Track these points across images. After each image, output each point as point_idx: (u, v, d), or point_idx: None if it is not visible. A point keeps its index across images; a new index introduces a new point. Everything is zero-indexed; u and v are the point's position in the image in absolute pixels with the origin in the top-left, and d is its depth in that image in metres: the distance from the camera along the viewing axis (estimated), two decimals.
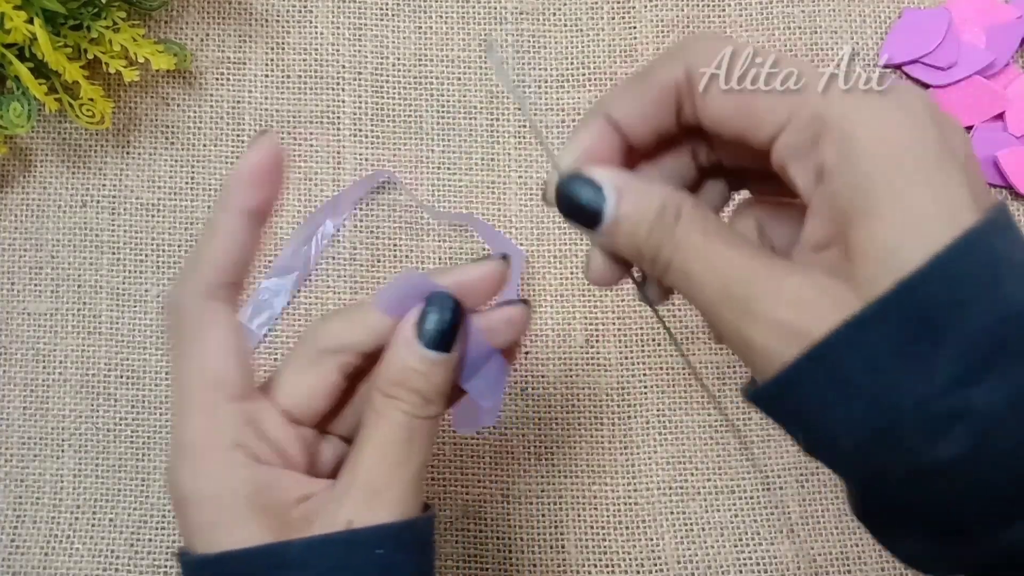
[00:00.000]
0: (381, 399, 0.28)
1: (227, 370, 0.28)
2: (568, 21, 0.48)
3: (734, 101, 0.24)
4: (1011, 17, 0.47)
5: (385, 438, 0.28)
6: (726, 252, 0.24)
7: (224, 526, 0.27)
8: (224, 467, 0.27)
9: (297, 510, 0.28)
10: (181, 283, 0.28)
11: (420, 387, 0.28)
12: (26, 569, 0.43)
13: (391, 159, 0.47)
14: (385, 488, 0.28)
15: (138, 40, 0.42)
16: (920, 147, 0.22)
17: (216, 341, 0.28)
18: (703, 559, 0.43)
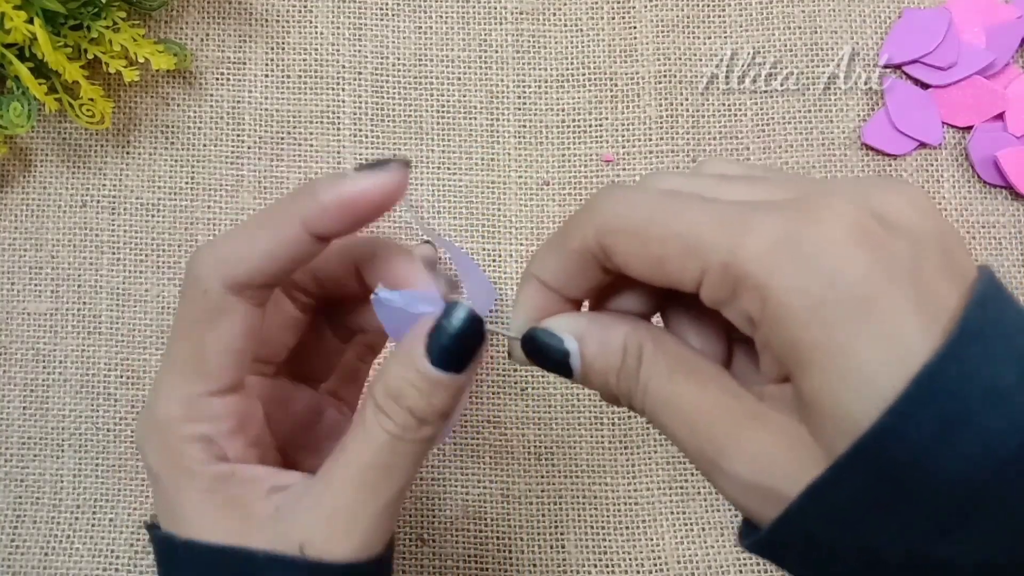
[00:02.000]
0: (372, 410, 0.26)
1: (219, 366, 0.26)
2: (568, 21, 0.48)
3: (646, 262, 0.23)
4: (1011, 17, 0.47)
5: (364, 457, 0.26)
6: (690, 399, 0.23)
7: (183, 511, 0.26)
8: (187, 458, 0.26)
9: (266, 502, 0.27)
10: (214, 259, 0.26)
11: (417, 406, 0.26)
12: (26, 569, 0.43)
13: None
14: (350, 518, 0.26)
15: (138, 40, 0.42)
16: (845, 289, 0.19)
17: (217, 339, 0.26)
18: (703, 559, 0.43)
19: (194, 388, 0.26)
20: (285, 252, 0.26)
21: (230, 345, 0.26)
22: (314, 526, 0.26)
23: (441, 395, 0.26)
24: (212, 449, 0.26)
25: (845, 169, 0.46)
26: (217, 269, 0.26)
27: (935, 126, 0.47)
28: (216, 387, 0.27)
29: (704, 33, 0.47)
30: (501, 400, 0.45)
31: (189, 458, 0.26)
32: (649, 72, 0.47)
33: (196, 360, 0.26)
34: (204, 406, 0.26)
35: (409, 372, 0.25)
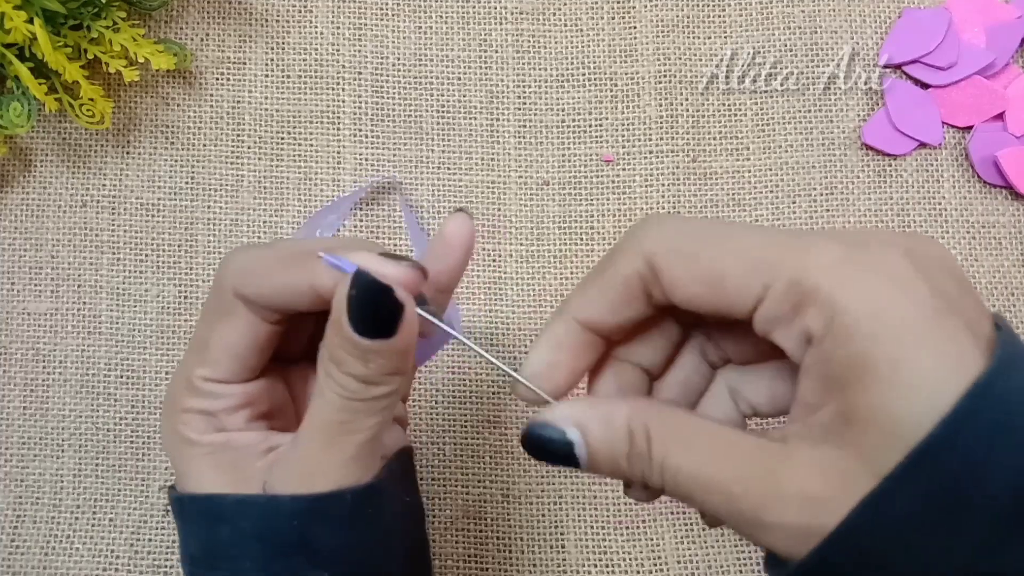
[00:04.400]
0: (322, 377, 0.26)
1: (220, 358, 0.28)
2: (568, 21, 0.48)
3: (701, 281, 0.23)
4: (1011, 17, 0.47)
5: (320, 416, 0.27)
6: (714, 467, 0.23)
7: (186, 474, 0.29)
8: (186, 428, 0.29)
9: (262, 461, 0.28)
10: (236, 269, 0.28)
11: (356, 371, 0.26)
12: (26, 569, 0.43)
13: (391, 159, 0.47)
14: (314, 464, 0.27)
15: (138, 40, 0.42)
16: (910, 310, 0.20)
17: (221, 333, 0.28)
18: (703, 559, 0.43)
19: (197, 371, 0.29)
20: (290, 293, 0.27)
21: (232, 344, 0.28)
22: (280, 474, 0.28)
23: (379, 360, 0.25)
24: (211, 422, 0.29)
25: (845, 169, 0.47)
26: (233, 276, 0.28)
27: (935, 126, 0.47)
28: (214, 375, 0.29)
29: (704, 33, 0.47)
30: (501, 400, 0.45)
31: (188, 428, 0.29)
32: (649, 72, 0.47)
33: (202, 348, 0.29)
34: (202, 387, 0.29)
35: (342, 341, 0.25)
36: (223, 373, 0.29)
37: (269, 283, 0.27)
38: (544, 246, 0.46)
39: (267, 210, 0.46)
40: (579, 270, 0.46)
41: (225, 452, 0.28)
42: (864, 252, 0.21)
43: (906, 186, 0.47)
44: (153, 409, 0.45)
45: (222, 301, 0.28)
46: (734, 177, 0.47)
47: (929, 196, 0.47)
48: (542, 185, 0.47)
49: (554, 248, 0.46)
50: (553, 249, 0.46)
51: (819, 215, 0.46)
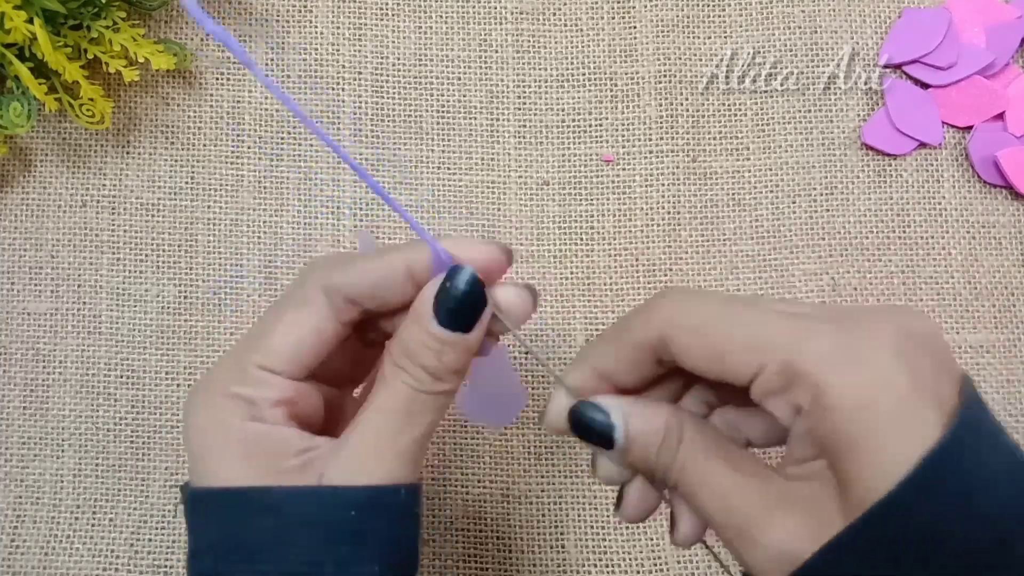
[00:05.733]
0: (390, 366, 0.28)
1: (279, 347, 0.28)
2: (568, 21, 0.48)
3: (705, 355, 0.26)
4: (1011, 17, 0.47)
5: (385, 405, 0.28)
6: (725, 477, 0.26)
7: (211, 464, 0.28)
8: (225, 411, 0.28)
9: (295, 459, 0.28)
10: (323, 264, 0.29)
11: (429, 364, 0.28)
12: (26, 569, 0.43)
13: (391, 159, 0.47)
14: (375, 454, 0.28)
15: (138, 40, 0.42)
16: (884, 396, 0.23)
17: (289, 322, 0.29)
18: (703, 559, 0.43)
19: (250, 356, 0.28)
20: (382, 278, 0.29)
21: (297, 334, 0.28)
22: (338, 465, 0.28)
23: (451, 354, 0.28)
24: (251, 410, 0.28)
25: (845, 169, 0.47)
26: (320, 272, 0.29)
27: (935, 126, 0.47)
28: (269, 363, 0.28)
29: (704, 33, 0.47)
30: None
31: (227, 411, 0.28)
32: (649, 72, 0.47)
33: (262, 335, 0.29)
34: (253, 373, 0.28)
35: (421, 334, 0.28)
36: (279, 363, 0.28)
37: (361, 270, 0.28)
38: (544, 246, 0.46)
39: (267, 210, 0.46)
40: (579, 270, 0.46)
41: (259, 444, 0.28)
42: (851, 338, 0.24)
43: (906, 186, 0.47)
44: (153, 409, 0.45)
45: (300, 293, 0.29)
46: (734, 177, 0.47)
47: (929, 196, 0.47)
48: (542, 185, 0.47)
49: (554, 248, 0.46)
50: (553, 249, 0.46)
51: (819, 215, 0.46)
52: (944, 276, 0.46)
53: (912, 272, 0.46)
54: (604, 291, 0.46)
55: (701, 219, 0.46)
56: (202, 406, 0.29)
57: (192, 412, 0.29)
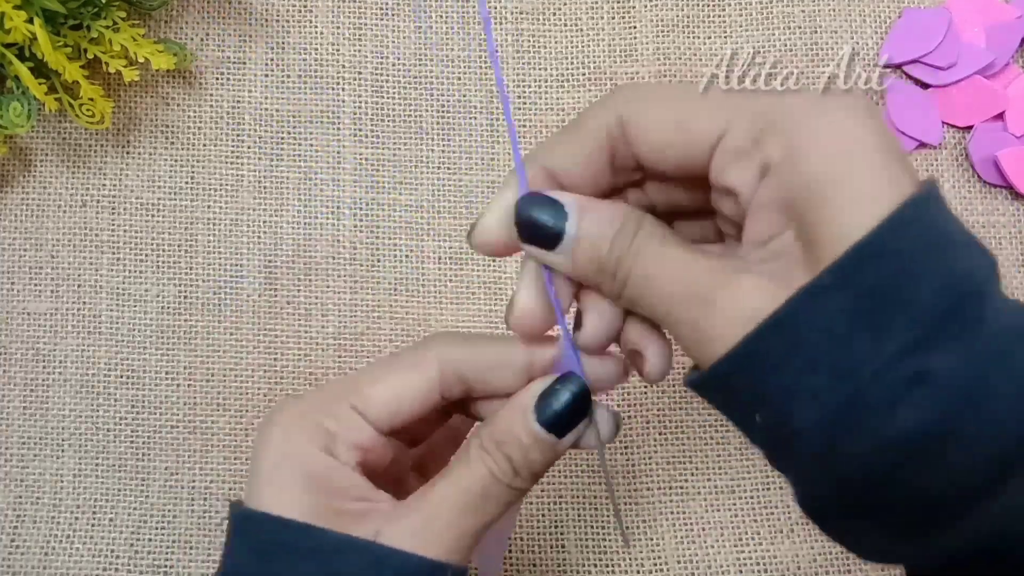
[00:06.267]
0: (476, 449, 0.28)
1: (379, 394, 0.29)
2: (568, 21, 0.48)
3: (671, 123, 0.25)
4: (1011, 17, 0.47)
5: (463, 484, 0.28)
6: (685, 255, 0.25)
7: (274, 486, 0.28)
8: (302, 436, 0.28)
9: (354, 505, 0.28)
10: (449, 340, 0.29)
11: (516, 457, 0.28)
12: (26, 569, 0.43)
13: (391, 159, 0.47)
14: (441, 528, 0.28)
15: (138, 40, 0.42)
16: (864, 138, 0.23)
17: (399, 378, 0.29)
18: (703, 559, 0.43)
19: (348, 396, 0.29)
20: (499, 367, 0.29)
21: (400, 393, 0.29)
22: (399, 527, 0.27)
23: (539, 453, 0.28)
24: (328, 442, 0.28)
25: None
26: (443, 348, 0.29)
27: (935, 126, 0.47)
28: (363, 408, 0.29)
29: (704, 33, 0.47)
30: None
31: (305, 436, 0.28)
32: (649, 72, 0.47)
33: (366, 383, 0.29)
34: (345, 411, 0.29)
35: (516, 426, 0.28)
36: (373, 412, 0.29)
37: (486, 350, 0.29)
38: None
39: (267, 210, 0.46)
40: None
41: (326, 478, 0.28)
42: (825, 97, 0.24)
43: None
44: (153, 409, 0.45)
45: (416, 356, 0.29)
46: None
47: None
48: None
49: None
50: None
51: None
52: None
53: None
54: None
55: None
56: (282, 425, 0.29)
57: (269, 429, 0.29)
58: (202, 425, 0.45)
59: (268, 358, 0.45)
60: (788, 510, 0.44)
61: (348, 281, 0.46)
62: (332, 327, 0.45)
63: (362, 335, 0.45)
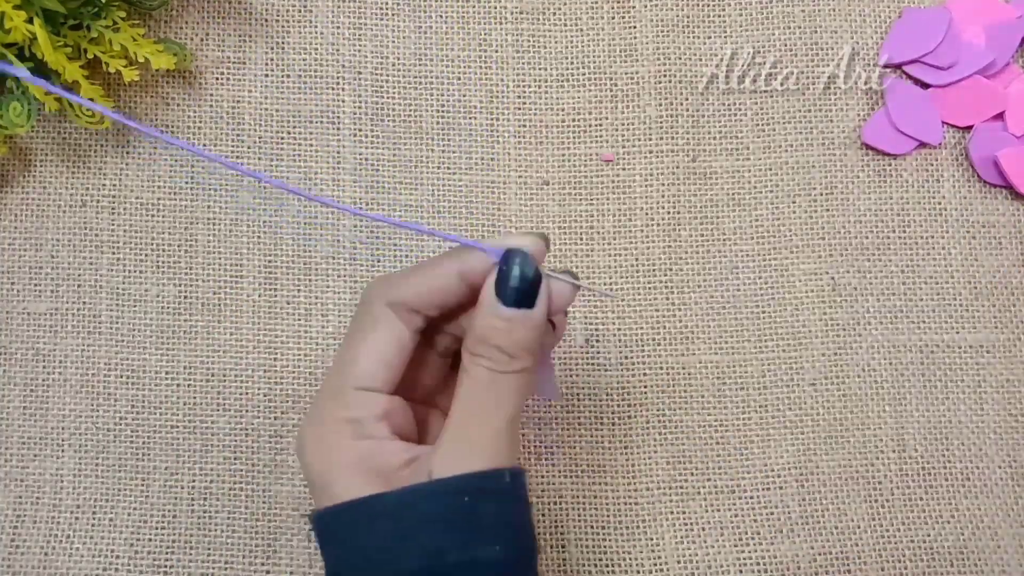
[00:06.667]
0: (468, 358, 0.31)
1: (367, 367, 0.31)
2: (568, 21, 0.48)
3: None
4: (1011, 16, 0.47)
5: (469, 392, 0.30)
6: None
7: (333, 486, 0.30)
8: (334, 439, 0.31)
9: (405, 471, 0.30)
10: (382, 282, 0.32)
11: (502, 343, 0.30)
12: (26, 569, 0.43)
13: (391, 159, 0.47)
14: (470, 439, 0.30)
15: (138, 40, 0.42)
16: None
17: (370, 342, 0.31)
18: (703, 559, 0.43)
19: (347, 382, 0.31)
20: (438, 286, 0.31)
21: (380, 350, 0.31)
22: (442, 459, 0.30)
23: (520, 330, 0.30)
24: (359, 429, 0.31)
25: (845, 169, 0.47)
26: (381, 290, 0.32)
27: (935, 126, 0.47)
28: (362, 384, 0.31)
29: (704, 33, 0.47)
30: None
31: (338, 435, 0.31)
32: (649, 72, 0.47)
33: (351, 361, 0.31)
34: (352, 396, 0.31)
35: (490, 318, 0.30)
36: (373, 381, 0.31)
37: (421, 281, 0.31)
38: None
39: (267, 210, 0.46)
40: (579, 270, 0.46)
41: (372, 459, 0.30)
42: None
43: (906, 186, 0.47)
44: (153, 409, 0.45)
45: (369, 315, 0.32)
46: (734, 177, 0.47)
47: (929, 196, 0.47)
48: (542, 185, 0.47)
49: (554, 248, 0.46)
50: (553, 249, 0.46)
51: (819, 215, 0.46)
52: (944, 276, 0.46)
53: (912, 272, 0.46)
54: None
55: (701, 219, 0.46)
56: (314, 438, 0.31)
57: (306, 445, 0.31)
58: (202, 425, 0.45)
59: (268, 358, 0.45)
60: (788, 510, 0.44)
61: (348, 281, 0.46)
62: (332, 327, 0.45)
63: None
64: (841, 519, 0.44)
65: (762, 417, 0.45)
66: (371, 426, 0.31)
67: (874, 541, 0.44)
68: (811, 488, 0.44)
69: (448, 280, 0.31)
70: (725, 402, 0.45)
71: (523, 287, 0.30)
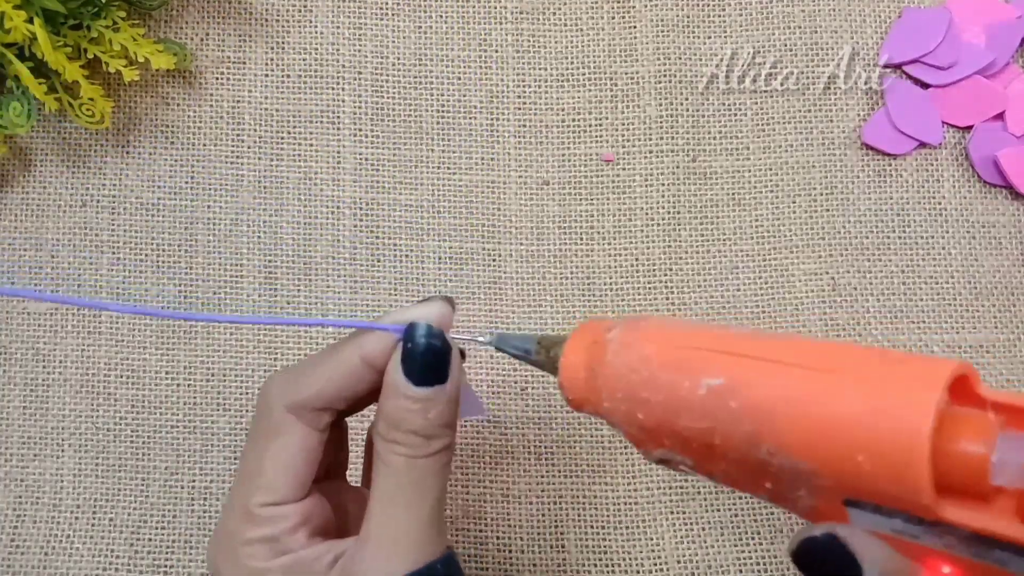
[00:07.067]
0: (381, 444, 0.28)
1: (276, 480, 0.29)
2: (568, 21, 0.48)
3: None
4: (1011, 16, 0.47)
5: (387, 483, 0.28)
6: None
7: None
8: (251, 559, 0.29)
9: (332, 570, 0.28)
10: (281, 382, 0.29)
11: (417, 426, 0.28)
12: (26, 569, 0.43)
13: (391, 159, 0.47)
14: (395, 538, 0.28)
15: (138, 40, 0.42)
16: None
17: (273, 452, 0.29)
18: (703, 559, 0.43)
19: (253, 499, 0.29)
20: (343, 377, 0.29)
21: (286, 461, 0.29)
22: (368, 563, 0.28)
23: (434, 409, 0.28)
24: (274, 547, 0.29)
25: (845, 169, 0.47)
26: (281, 392, 0.29)
27: (935, 126, 0.47)
28: (272, 499, 0.29)
29: (704, 33, 0.47)
30: (501, 400, 0.45)
31: (254, 559, 0.28)
32: (649, 72, 0.47)
33: (255, 474, 0.29)
34: (263, 512, 0.29)
35: (401, 400, 0.28)
36: (282, 494, 0.29)
37: (320, 376, 0.29)
38: (544, 246, 0.46)
39: (267, 210, 0.46)
40: (579, 270, 0.46)
41: (294, 573, 0.28)
42: None
43: (906, 186, 0.47)
44: (153, 409, 0.45)
45: (271, 422, 0.29)
46: (734, 177, 0.47)
47: (929, 196, 0.47)
48: (542, 185, 0.47)
49: (554, 248, 0.46)
50: (553, 249, 0.46)
51: (819, 215, 0.46)
52: (944, 276, 0.46)
53: (912, 272, 0.46)
54: (604, 291, 0.46)
55: (701, 219, 0.46)
56: (228, 559, 0.29)
57: (222, 566, 0.29)
58: (202, 425, 0.45)
59: (268, 358, 0.45)
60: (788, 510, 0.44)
61: (348, 281, 0.46)
62: (332, 327, 0.45)
63: None
64: None
65: None
66: (287, 540, 0.29)
67: None
68: None
69: (351, 368, 0.29)
70: None
71: (431, 361, 0.28)
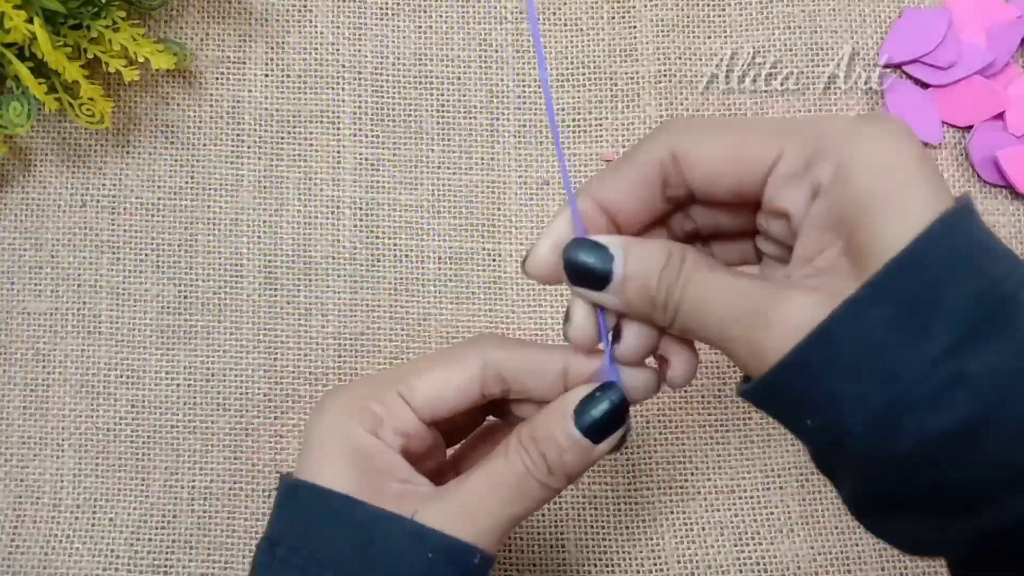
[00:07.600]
0: (515, 444, 0.30)
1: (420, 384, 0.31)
2: (568, 21, 0.48)
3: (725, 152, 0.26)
4: (1011, 17, 0.47)
5: (500, 475, 0.29)
6: (732, 279, 0.26)
7: (323, 461, 0.30)
8: (351, 417, 0.30)
9: (396, 485, 0.30)
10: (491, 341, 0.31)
11: (551, 456, 0.29)
12: (26, 569, 0.43)
13: (391, 159, 0.47)
14: (474, 513, 0.29)
15: (138, 39, 0.42)
16: (906, 159, 0.24)
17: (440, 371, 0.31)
18: (703, 559, 0.43)
19: (394, 384, 0.31)
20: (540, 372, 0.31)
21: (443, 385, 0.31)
22: (437, 508, 0.29)
23: (574, 456, 0.29)
24: (375, 425, 0.30)
25: None
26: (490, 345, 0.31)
27: (935, 126, 0.47)
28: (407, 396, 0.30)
29: (704, 33, 0.47)
30: None
31: (354, 417, 0.30)
32: (649, 72, 0.47)
33: (412, 373, 0.31)
34: (391, 397, 0.30)
35: (555, 427, 0.29)
36: (416, 401, 0.30)
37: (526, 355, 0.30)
38: None
39: (267, 210, 0.46)
40: None
41: (371, 457, 0.30)
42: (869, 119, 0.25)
43: None
44: (153, 409, 0.45)
45: (461, 353, 0.31)
46: None
47: None
48: (542, 185, 0.47)
49: None
50: None
51: None
52: None
53: None
54: None
55: None
56: (333, 408, 0.30)
57: (321, 410, 0.31)
58: (202, 425, 0.45)
59: (268, 358, 0.45)
60: (788, 510, 0.44)
61: (348, 281, 0.46)
62: (332, 327, 0.45)
63: (362, 335, 0.45)
64: (841, 519, 0.44)
65: (762, 417, 0.45)
66: (387, 432, 0.30)
67: (874, 541, 0.44)
68: (811, 488, 0.44)
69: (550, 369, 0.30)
70: (725, 402, 0.45)
71: (603, 426, 0.29)
